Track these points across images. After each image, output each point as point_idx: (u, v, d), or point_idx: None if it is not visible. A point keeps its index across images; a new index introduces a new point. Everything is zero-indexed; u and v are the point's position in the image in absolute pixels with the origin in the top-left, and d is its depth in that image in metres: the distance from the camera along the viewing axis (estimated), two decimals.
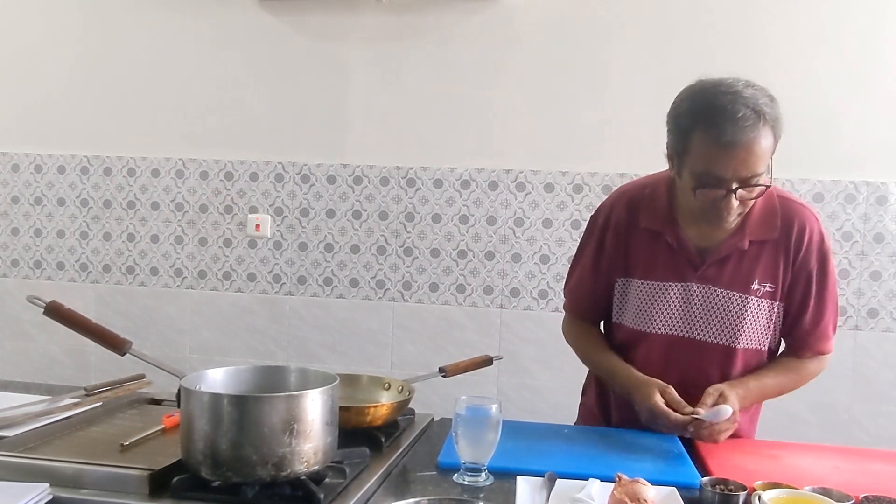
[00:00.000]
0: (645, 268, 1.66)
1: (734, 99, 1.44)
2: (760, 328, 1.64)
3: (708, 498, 1.27)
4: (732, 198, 1.48)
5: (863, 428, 2.85)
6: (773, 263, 1.62)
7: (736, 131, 1.42)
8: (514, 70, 2.97)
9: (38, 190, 3.30)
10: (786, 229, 1.62)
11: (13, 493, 1.11)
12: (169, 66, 3.19)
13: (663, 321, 1.66)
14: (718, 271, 1.62)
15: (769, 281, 1.62)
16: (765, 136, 1.45)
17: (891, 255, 2.81)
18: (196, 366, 3.14)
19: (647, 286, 1.66)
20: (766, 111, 1.45)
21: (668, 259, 1.64)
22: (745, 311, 1.62)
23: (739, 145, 1.43)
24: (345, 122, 3.10)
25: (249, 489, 1.15)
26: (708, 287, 1.63)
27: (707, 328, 1.64)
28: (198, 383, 1.26)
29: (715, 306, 1.63)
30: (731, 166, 1.45)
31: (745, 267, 1.62)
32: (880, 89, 2.78)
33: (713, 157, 1.46)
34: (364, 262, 3.11)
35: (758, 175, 1.47)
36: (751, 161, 1.45)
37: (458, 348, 2.99)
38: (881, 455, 1.64)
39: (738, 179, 1.46)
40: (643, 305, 1.67)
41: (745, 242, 1.60)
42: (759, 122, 1.44)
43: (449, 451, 1.43)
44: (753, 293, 1.62)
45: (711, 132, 1.44)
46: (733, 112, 1.43)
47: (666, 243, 1.64)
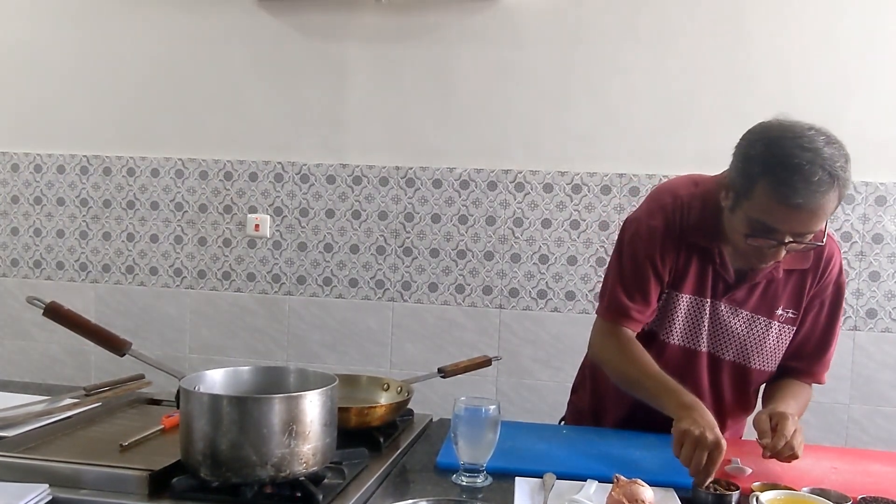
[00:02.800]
0: (690, 282, 1.63)
1: (812, 159, 1.37)
2: (777, 352, 1.67)
3: (701, 498, 1.27)
4: (782, 249, 1.46)
5: (862, 428, 2.85)
6: (798, 290, 1.63)
7: (808, 195, 1.36)
8: (513, 70, 2.97)
9: (37, 190, 3.30)
10: (816, 259, 1.63)
11: (12, 493, 1.11)
12: (168, 66, 3.19)
13: (686, 334, 1.65)
14: (748, 295, 1.62)
15: (793, 308, 1.64)
16: (832, 200, 1.39)
17: (889, 256, 2.81)
18: (196, 365, 3.14)
19: (685, 299, 1.64)
20: (841, 175, 1.38)
21: (708, 275, 1.63)
22: (768, 335, 1.64)
23: (807, 209, 1.38)
24: (344, 122, 3.10)
25: (249, 490, 1.15)
26: (735, 308, 1.63)
27: (728, 346, 1.65)
28: (197, 384, 1.26)
29: (739, 327, 1.64)
30: (792, 225, 1.42)
31: (772, 292, 1.63)
32: (879, 89, 2.78)
33: (776, 212, 1.40)
34: (363, 261, 3.11)
35: (817, 234, 1.46)
36: (813, 222, 1.42)
37: (458, 348, 3.00)
38: (879, 456, 1.64)
39: (794, 234, 1.44)
40: (672, 315, 1.65)
41: (780, 271, 1.61)
42: (833, 185, 1.37)
43: (448, 451, 1.43)
44: (777, 318, 1.64)
45: (781, 190, 1.38)
46: (809, 175, 1.35)
47: (712, 259, 1.61)
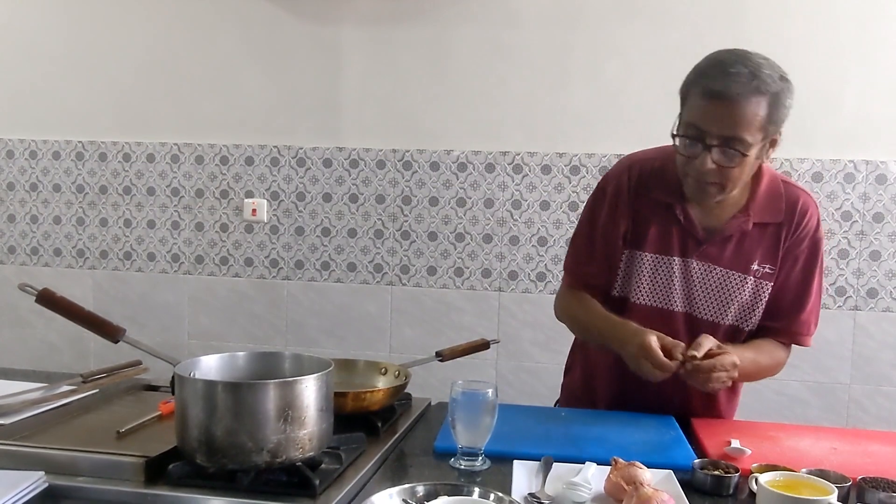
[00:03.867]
0: (652, 240, 1.65)
1: (737, 59, 1.46)
2: (754, 308, 1.64)
3: (700, 480, 1.27)
4: (707, 157, 1.46)
5: (862, 408, 2.85)
6: (773, 245, 1.62)
7: (725, 85, 1.43)
8: (510, 51, 2.95)
9: (33, 176, 3.28)
10: (789, 212, 1.62)
11: (8, 481, 1.11)
12: (163, 51, 3.16)
13: (657, 294, 1.65)
14: (720, 250, 1.62)
15: (769, 262, 1.62)
16: (756, 103, 1.44)
17: (890, 235, 2.80)
18: (195, 351, 3.14)
19: (651, 258, 1.65)
20: (767, 81, 1.44)
21: (675, 233, 1.63)
22: (743, 290, 1.62)
23: (724, 98, 1.43)
24: (340, 105, 3.08)
25: (245, 476, 1.15)
26: (708, 265, 1.62)
27: (703, 304, 1.64)
28: (192, 370, 1.25)
29: (714, 284, 1.63)
30: (711, 119, 1.45)
31: (746, 247, 1.62)
32: (879, 67, 2.76)
33: (700, 107, 1.47)
34: (361, 246, 3.10)
35: (740, 141, 1.45)
36: (731, 120, 1.44)
37: (457, 332, 2.99)
38: (880, 436, 1.64)
39: (718, 137, 1.45)
40: (643, 276, 1.65)
41: (750, 224, 1.60)
42: (752, 83, 1.43)
43: (445, 435, 1.42)
44: (752, 273, 1.62)
45: (701, 83, 1.47)
46: (729, 67, 1.44)
47: (674, 217, 1.63)
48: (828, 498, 1.12)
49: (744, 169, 1.50)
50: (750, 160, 1.49)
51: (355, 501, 1.15)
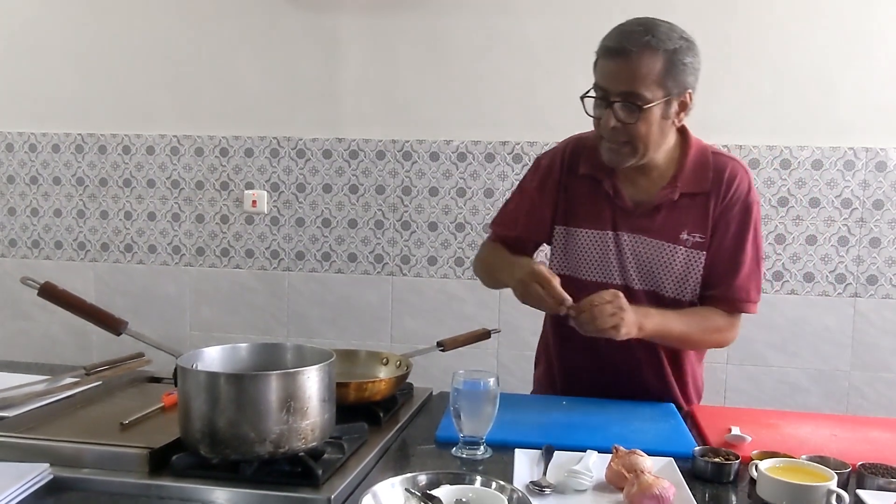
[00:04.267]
0: (585, 216, 1.69)
1: (637, 21, 1.52)
2: (690, 278, 1.64)
3: (700, 467, 1.28)
4: (611, 113, 1.51)
5: (863, 395, 2.86)
6: (703, 214, 1.63)
7: (620, 40, 1.50)
8: (509, 41, 2.94)
9: (33, 169, 3.28)
10: (716, 180, 1.63)
11: (13, 473, 1.12)
12: (162, 42, 3.15)
13: (596, 268, 1.68)
14: (649, 221, 1.64)
15: (699, 231, 1.63)
16: (650, 57, 1.48)
17: (890, 222, 2.80)
18: (197, 343, 3.15)
19: (584, 234, 1.69)
20: (662, 38, 1.49)
21: (605, 208, 1.67)
22: (673, 260, 1.64)
23: (620, 54, 1.49)
24: (339, 95, 3.07)
25: (248, 466, 1.16)
26: (638, 236, 1.65)
27: (638, 276, 1.66)
28: (194, 362, 1.26)
29: (644, 255, 1.65)
30: (609, 75, 1.52)
31: (674, 217, 1.63)
32: (879, 53, 2.75)
33: (600, 67, 1.55)
34: (362, 236, 3.10)
35: (638, 96, 1.49)
36: (627, 74, 1.49)
37: (458, 321, 3.00)
38: (879, 423, 1.65)
39: (618, 93, 1.50)
40: (578, 252, 1.69)
41: (676, 194, 1.62)
42: (645, 38, 1.48)
43: (447, 425, 1.43)
44: (682, 243, 1.63)
45: (603, 43, 1.54)
46: (625, 26, 1.52)
47: (604, 191, 1.66)
48: (827, 484, 1.13)
49: (649, 126, 1.53)
50: (653, 117, 1.52)
51: (358, 491, 1.16)
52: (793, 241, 2.85)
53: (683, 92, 1.54)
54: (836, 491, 1.12)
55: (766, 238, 2.86)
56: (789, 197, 2.83)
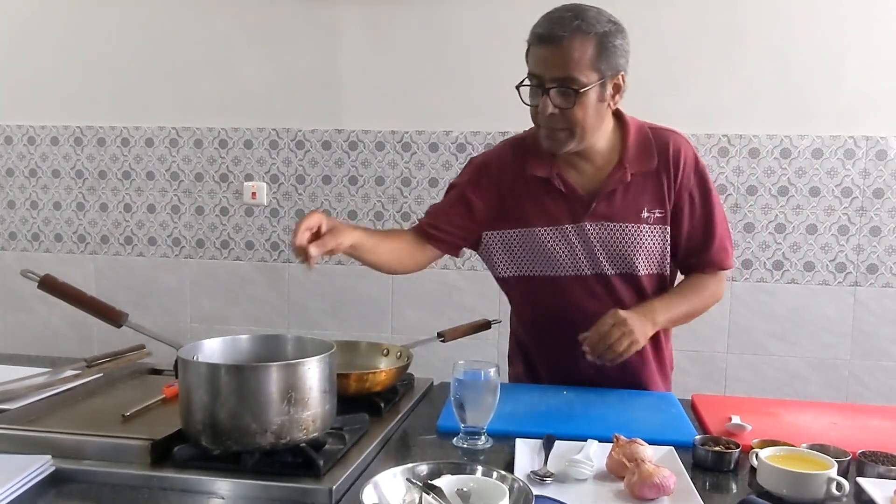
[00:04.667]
0: (540, 215, 1.68)
1: (564, 7, 1.54)
2: (657, 253, 1.68)
3: (701, 456, 1.28)
4: (547, 100, 1.52)
5: (863, 384, 2.86)
6: (657, 190, 1.66)
7: (551, 27, 1.50)
8: (508, 30, 2.91)
9: (32, 162, 3.28)
10: (662, 156, 1.66)
11: (15, 465, 1.12)
12: (160, 34, 3.14)
13: (566, 263, 1.69)
14: (608, 207, 1.66)
15: (657, 207, 1.66)
16: (581, 41, 1.49)
17: (890, 211, 2.80)
18: (198, 335, 3.15)
19: (545, 232, 1.68)
20: (591, 22, 1.50)
21: (560, 203, 1.67)
22: (639, 239, 1.66)
23: (552, 40, 1.50)
24: (338, 86, 3.06)
25: (249, 457, 1.16)
26: (601, 223, 1.66)
27: (608, 262, 1.68)
28: (195, 354, 1.26)
29: (611, 240, 1.67)
30: (543, 62, 1.52)
31: (631, 198, 1.66)
32: (879, 42, 2.74)
33: (533, 54, 1.55)
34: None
35: (572, 80, 1.50)
36: (561, 59, 1.50)
37: (458, 312, 3.00)
38: (879, 411, 1.65)
39: (554, 80, 1.51)
40: (544, 252, 1.69)
41: (627, 175, 1.64)
42: (574, 23, 1.49)
43: (448, 415, 1.43)
44: (644, 221, 1.66)
45: (534, 31, 1.55)
46: (556, 12, 1.53)
47: (554, 188, 1.67)
48: (827, 472, 1.13)
49: (586, 110, 1.54)
50: (589, 101, 1.53)
51: (359, 481, 1.16)
52: (793, 230, 2.84)
53: (616, 74, 1.56)
54: (836, 479, 1.12)
55: (766, 227, 2.86)
56: (789, 186, 2.83)
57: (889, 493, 1.12)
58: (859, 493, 1.17)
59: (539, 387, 1.74)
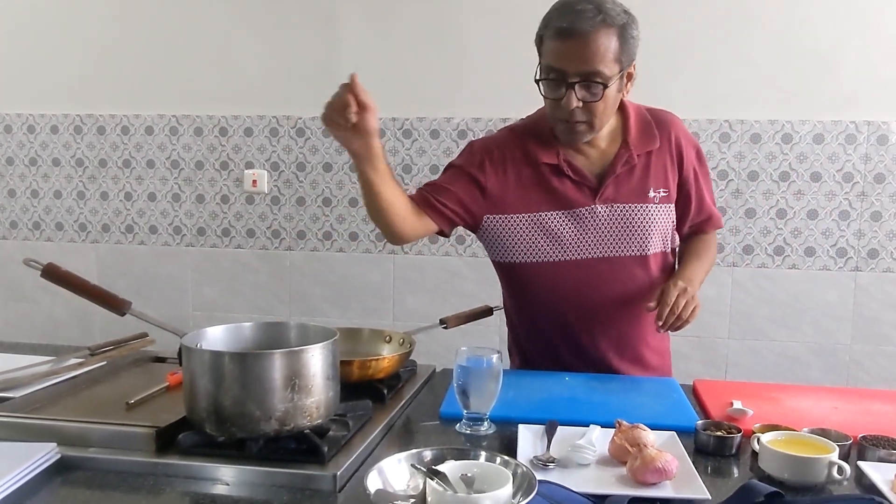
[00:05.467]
0: (550, 201, 1.69)
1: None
2: (664, 232, 1.72)
3: (703, 441, 1.28)
4: (572, 94, 1.53)
5: (863, 368, 2.87)
6: (662, 170, 1.70)
7: (573, 20, 1.49)
8: (509, 16, 2.91)
9: (32, 150, 3.27)
10: (664, 136, 1.70)
11: (21, 453, 1.12)
12: (159, 21, 3.13)
13: (577, 247, 1.69)
14: (616, 189, 1.68)
15: (662, 186, 1.70)
16: (606, 35, 1.50)
17: (891, 196, 2.79)
18: (200, 323, 3.15)
19: (554, 217, 1.68)
20: (612, 14, 1.50)
21: (569, 188, 1.68)
22: (649, 219, 1.69)
23: (576, 35, 1.49)
24: (339, 73, 3.00)
25: (254, 444, 1.16)
26: (610, 205, 1.68)
27: (619, 244, 1.70)
28: (198, 341, 1.26)
29: (621, 222, 1.69)
30: (569, 57, 1.51)
31: (638, 179, 1.69)
32: (880, 25, 2.73)
33: (555, 49, 1.53)
34: (363, 215, 3.10)
35: (598, 74, 1.51)
36: (587, 54, 1.50)
37: (460, 299, 3.00)
38: (880, 395, 1.65)
39: (578, 75, 1.51)
40: (555, 236, 1.69)
41: (634, 157, 1.67)
42: (598, 17, 1.49)
43: (451, 401, 1.44)
44: (651, 201, 1.69)
45: (553, 24, 1.53)
46: (575, 5, 1.51)
47: (562, 173, 1.68)
48: (829, 456, 1.14)
49: (607, 103, 1.56)
50: (611, 93, 1.55)
51: (363, 467, 1.17)
52: (794, 215, 2.84)
53: (630, 64, 1.58)
54: (837, 463, 1.13)
55: (767, 213, 2.86)
56: (790, 171, 2.83)
57: (890, 476, 1.13)
58: (860, 476, 1.18)
59: (541, 373, 1.75)
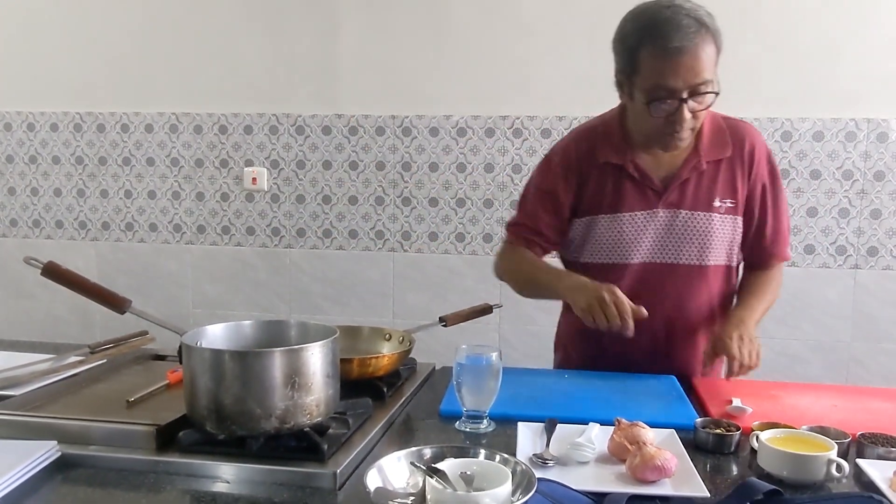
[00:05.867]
0: (611, 202, 1.69)
1: (676, 11, 1.50)
2: (726, 244, 1.70)
3: (702, 439, 1.29)
4: (685, 109, 1.51)
5: (863, 366, 2.87)
6: (730, 180, 1.68)
7: (682, 38, 1.47)
8: (508, 15, 2.91)
9: (31, 148, 3.27)
10: (737, 146, 1.68)
11: (21, 451, 1.12)
12: (158, 19, 3.13)
13: (635, 250, 1.69)
14: (681, 195, 1.67)
15: (729, 197, 1.68)
16: (708, 44, 1.50)
17: (891, 193, 2.80)
18: (200, 320, 3.16)
19: (614, 219, 1.68)
20: (707, 21, 1.51)
21: (632, 190, 1.67)
22: (711, 228, 1.67)
23: (686, 52, 1.48)
24: (338, 71, 3.05)
25: (254, 442, 1.16)
26: (673, 211, 1.67)
27: (678, 250, 1.69)
28: (198, 339, 1.26)
29: (682, 228, 1.67)
30: (681, 74, 1.49)
31: (705, 187, 1.67)
32: (880, 24, 2.73)
33: (662, 67, 1.50)
34: (362, 212, 3.10)
35: (707, 83, 1.51)
36: (698, 67, 1.49)
37: (459, 296, 3.01)
38: (879, 393, 1.66)
39: (688, 88, 1.50)
40: (613, 238, 1.69)
41: (703, 163, 1.65)
42: (702, 30, 1.49)
43: (451, 399, 1.44)
44: (716, 210, 1.67)
45: (658, 43, 1.49)
46: (677, 22, 1.48)
47: (627, 175, 1.67)
48: (827, 454, 1.14)
49: (708, 108, 1.56)
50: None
51: (363, 465, 1.17)
52: (793, 213, 2.85)
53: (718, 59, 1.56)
54: (836, 460, 1.13)
55: None
56: (790, 169, 2.83)
57: (888, 473, 1.13)
58: (859, 474, 1.18)
59: (541, 371, 1.75)
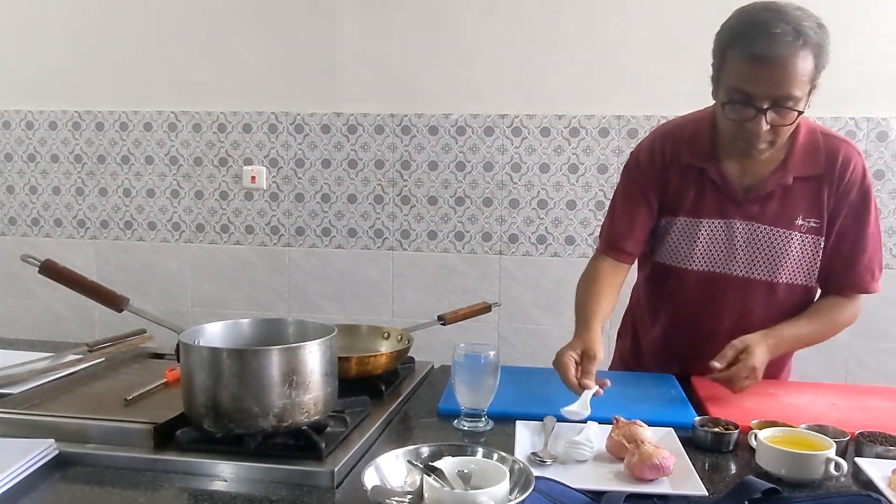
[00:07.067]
0: (689, 205, 1.63)
1: (775, 16, 1.39)
2: (805, 264, 1.61)
3: (700, 437, 1.29)
4: (762, 119, 1.42)
5: (862, 364, 2.87)
6: (817, 199, 1.57)
7: (770, 45, 1.37)
8: (507, 12, 2.91)
9: (30, 147, 3.27)
10: (830, 164, 1.57)
11: (19, 449, 1.12)
12: (157, 17, 3.13)
13: (704, 258, 1.64)
14: (762, 208, 1.59)
15: (814, 217, 1.58)
16: (803, 58, 1.39)
17: (891, 192, 2.79)
18: (199, 319, 3.16)
19: (690, 223, 1.63)
20: (809, 33, 1.39)
21: (712, 196, 1.61)
22: (789, 246, 1.59)
23: (771, 61, 1.38)
24: (337, 69, 3.05)
25: (252, 440, 1.16)
26: (751, 224, 1.60)
27: (749, 264, 1.62)
28: (196, 338, 1.26)
29: (758, 243, 1.60)
30: (762, 83, 1.40)
31: (789, 203, 1.58)
32: (880, 22, 2.73)
33: (744, 71, 1.41)
34: (361, 211, 3.10)
35: (791, 98, 1.41)
36: (783, 80, 1.39)
37: (458, 295, 3.01)
38: (878, 391, 1.66)
39: (770, 99, 1.41)
40: (685, 242, 1.65)
41: (789, 178, 1.56)
42: (798, 41, 1.38)
43: (449, 397, 1.44)
44: (797, 229, 1.58)
45: (745, 46, 1.40)
46: (771, 27, 1.38)
47: (709, 180, 1.61)
48: (826, 452, 1.14)
49: (792, 123, 1.46)
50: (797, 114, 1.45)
51: (361, 463, 1.17)
52: None
53: (819, 77, 1.46)
54: (834, 459, 1.13)
55: None
56: None
57: (887, 472, 1.13)
58: (857, 472, 1.18)
59: (539, 369, 1.74)
